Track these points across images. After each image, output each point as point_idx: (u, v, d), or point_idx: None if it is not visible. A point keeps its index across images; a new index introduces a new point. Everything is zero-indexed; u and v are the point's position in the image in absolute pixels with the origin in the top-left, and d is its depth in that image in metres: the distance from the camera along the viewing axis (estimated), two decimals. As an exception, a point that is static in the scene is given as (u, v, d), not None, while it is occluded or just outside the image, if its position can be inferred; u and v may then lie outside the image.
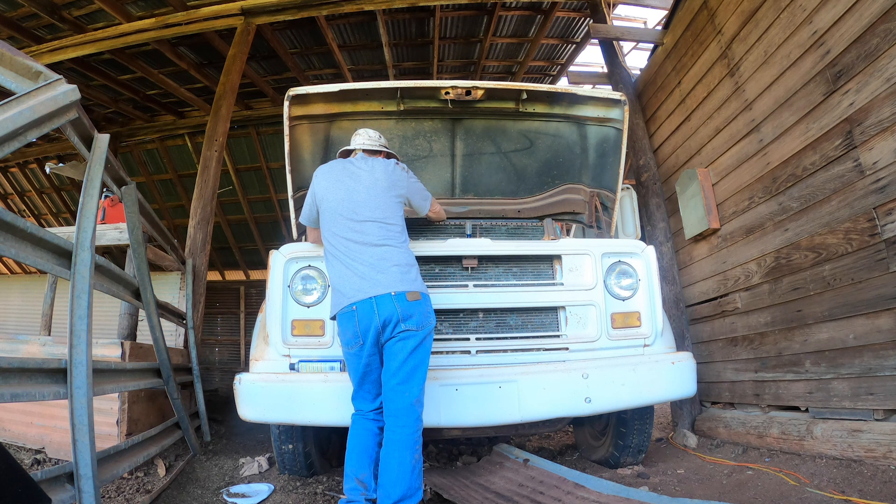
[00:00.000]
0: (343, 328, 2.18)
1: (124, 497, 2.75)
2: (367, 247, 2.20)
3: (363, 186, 2.32)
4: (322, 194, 2.36)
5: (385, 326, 2.09)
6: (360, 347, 2.13)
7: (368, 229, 2.24)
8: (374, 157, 2.47)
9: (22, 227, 1.65)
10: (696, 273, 4.22)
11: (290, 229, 3.43)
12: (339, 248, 2.24)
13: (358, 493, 2.09)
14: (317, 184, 2.41)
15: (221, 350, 10.82)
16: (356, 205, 2.28)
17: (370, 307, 2.10)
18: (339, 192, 2.32)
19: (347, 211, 2.27)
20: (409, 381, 2.07)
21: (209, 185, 5.37)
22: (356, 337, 2.13)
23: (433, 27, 6.59)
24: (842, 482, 2.29)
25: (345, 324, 2.17)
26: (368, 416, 2.19)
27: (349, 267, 2.19)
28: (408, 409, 2.06)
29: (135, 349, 3.42)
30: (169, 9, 5.77)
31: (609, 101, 3.19)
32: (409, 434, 2.04)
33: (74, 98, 1.78)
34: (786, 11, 3.03)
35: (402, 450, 2.02)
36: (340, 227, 2.26)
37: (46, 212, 11.01)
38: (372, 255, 2.18)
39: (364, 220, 2.25)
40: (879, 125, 2.42)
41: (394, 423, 2.06)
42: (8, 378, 1.58)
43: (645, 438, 3.04)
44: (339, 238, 2.25)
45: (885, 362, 2.44)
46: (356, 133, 2.60)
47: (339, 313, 2.19)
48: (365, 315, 2.10)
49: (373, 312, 2.09)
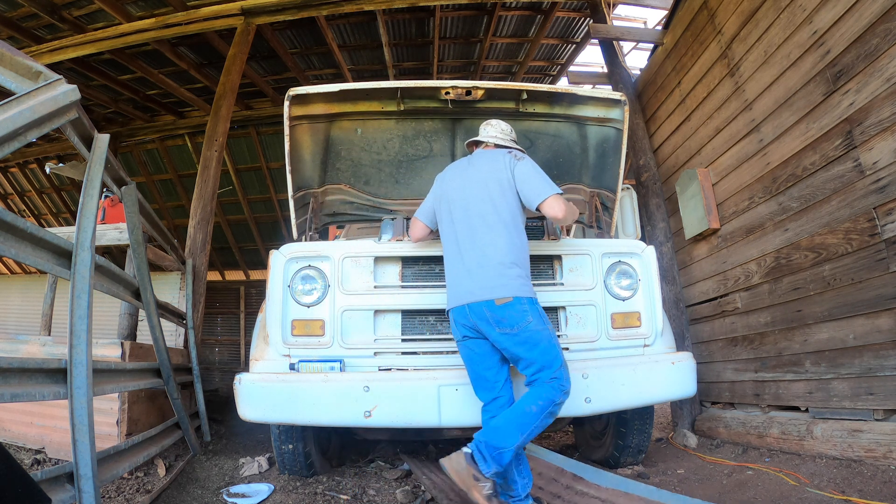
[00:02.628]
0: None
1: (124, 497, 2.75)
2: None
3: (477, 182, 2.32)
4: (439, 193, 2.42)
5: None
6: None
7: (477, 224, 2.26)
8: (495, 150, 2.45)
9: (22, 227, 1.65)
10: (696, 273, 4.22)
11: (290, 229, 3.42)
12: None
13: (505, 496, 2.10)
14: (435, 186, 2.48)
15: (221, 350, 10.82)
16: (469, 201, 2.30)
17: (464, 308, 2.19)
18: (455, 192, 2.36)
19: (455, 212, 2.32)
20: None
21: (209, 185, 5.37)
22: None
23: (433, 27, 6.59)
24: (842, 482, 2.29)
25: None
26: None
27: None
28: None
29: (135, 349, 3.42)
30: (169, 9, 5.77)
31: (609, 101, 3.19)
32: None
33: (74, 98, 1.79)
34: (786, 11, 3.03)
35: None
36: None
37: (46, 212, 11.01)
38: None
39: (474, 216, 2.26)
40: (879, 125, 2.42)
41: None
42: (8, 378, 1.58)
43: (645, 438, 3.04)
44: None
45: (885, 362, 2.44)
46: (486, 125, 2.58)
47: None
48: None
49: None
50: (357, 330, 2.56)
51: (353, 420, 2.30)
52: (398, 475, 3.10)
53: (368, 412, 2.28)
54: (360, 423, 2.30)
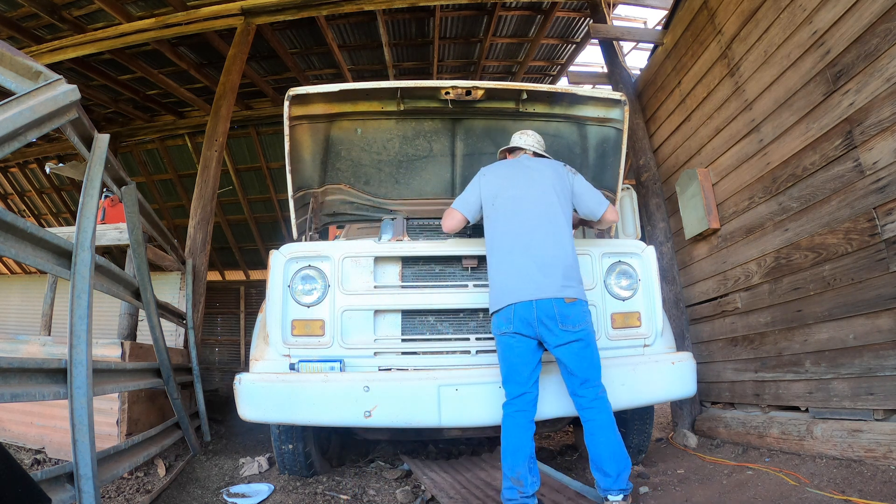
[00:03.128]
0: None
1: (124, 497, 2.75)
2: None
3: (536, 186, 2.44)
4: (493, 190, 2.46)
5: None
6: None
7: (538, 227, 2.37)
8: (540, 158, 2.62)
9: (22, 227, 1.65)
10: (696, 273, 4.22)
11: (290, 229, 3.43)
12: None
13: (515, 492, 2.14)
14: (482, 181, 2.53)
15: (221, 350, 10.82)
16: (530, 203, 2.40)
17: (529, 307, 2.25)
18: (512, 190, 2.43)
19: (517, 211, 2.39)
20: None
21: (209, 185, 5.37)
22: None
23: (433, 27, 6.59)
24: (842, 482, 2.29)
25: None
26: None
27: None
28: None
29: (135, 349, 3.42)
30: (169, 9, 5.77)
31: (609, 101, 3.19)
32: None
33: (74, 98, 1.79)
34: (786, 11, 3.03)
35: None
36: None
37: (46, 212, 11.01)
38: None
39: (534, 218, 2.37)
40: (879, 125, 2.42)
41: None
42: (8, 378, 1.58)
43: (645, 438, 3.04)
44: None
45: (885, 362, 2.44)
46: (522, 133, 2.71)
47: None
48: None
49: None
50: (357, 330, 2.56)
51: (352, 420, 2.30)
52: (398, 475, 3.10)
53: (368, 412, 2.29)
54: (360, 423, 2.30)
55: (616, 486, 2.14)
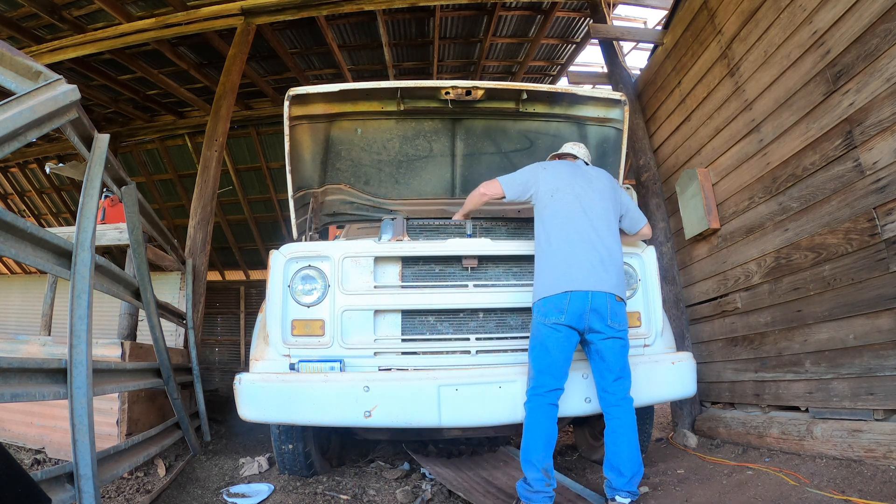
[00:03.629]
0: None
1: (124, 497, 2.75)
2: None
3: (595, 190, 2.56)
4: (554, 184, 2.56)
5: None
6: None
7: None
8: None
9: (22, 227, 1.65)
10: (696, 273, 4.22)
11: (290, 229, 3.43)
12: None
13: (543, 483, 2.17)
14: (542, 174, 2.62)
15: (221, 350, 10.82)
16: (591, 203, 2.50)
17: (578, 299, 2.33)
18: (574, 188, 2.53)
19: (579, 207, 2.49)
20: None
21: (209, 185, 5.36)
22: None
23: (433, 27, 6.59)
24: (842, 482, 2.29)
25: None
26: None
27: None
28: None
29: (135, 349, 3.42)
30: (169, 9, 5.77)
31: (609, 101, 3.19)
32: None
33: (74, 98, 1.79)
34: (786, 11, 3.03)
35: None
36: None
37: (46, 212, 11.01)
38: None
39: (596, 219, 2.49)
40: (879, 125, 2.42)
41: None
42: (8, 378, 1.58)
43: (645, 438, 3.04)
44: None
45: (885, 362, 2.44)
46: (575, 144, 2.84)
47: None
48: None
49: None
50: (357, 330, 2.56)
51: (353, 420, 2.30)
52: (398, 475, 3.10)
53: (368, 412, 2.29)
54: (360, 423, 2.30)
55: (627, 487, 2.19)
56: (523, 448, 2.26)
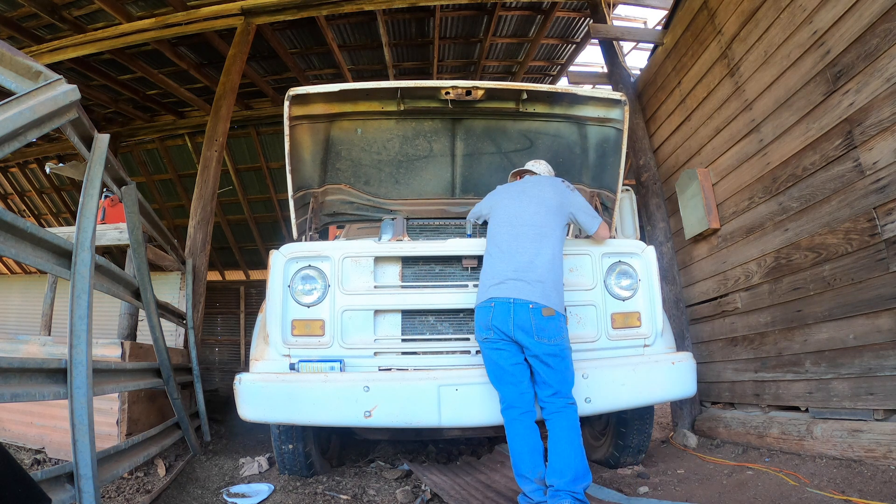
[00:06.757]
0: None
1: (124, 497, 2.75)
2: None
3: (528, 200, 2.56)
4: (493, 203, 2.68)
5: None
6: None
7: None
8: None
9: (22, 227, 1.65)
10: (696, 273, 4.22)
11: (290, 229, 3.43)
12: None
13: (541, 493, 2.15)
14: (491, 196, 2.75)
15: (221, 350, 10.82)
16: (519, 214, 2.50)
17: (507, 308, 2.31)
18: (508, 202, 2.59)
19: (507, 221, 2.52)
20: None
21: (209, 185, 5.36)
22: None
23: (433, 27, 6.59)
24: (842, 482, 2.29)
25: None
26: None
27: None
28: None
29: (135, 349, 3.42)
30: (169, 9, 5.77)
31: (609, 101, 3.19)
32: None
33: (74, 98, 1.79)
34: (786, 11, 3.03)
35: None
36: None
37: (46, 212, 11.01)
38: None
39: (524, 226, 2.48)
40: (879, 125, 2.42)
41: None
42: (8, 378, 1.58)
43: (645, 438, 3.04)
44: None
45: (885, 362, 2.44)
46: (536, 161, 2.90)
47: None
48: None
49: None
50: (357, 330, 2.56)
51: (353, 420, 2.30)
52: (398, 475, 3.10)
53: (368, 412, 2.28)
54: (360, 423, 2.30)
55: (569, 487, 2.08)
56: (513, 463, 2.24)
